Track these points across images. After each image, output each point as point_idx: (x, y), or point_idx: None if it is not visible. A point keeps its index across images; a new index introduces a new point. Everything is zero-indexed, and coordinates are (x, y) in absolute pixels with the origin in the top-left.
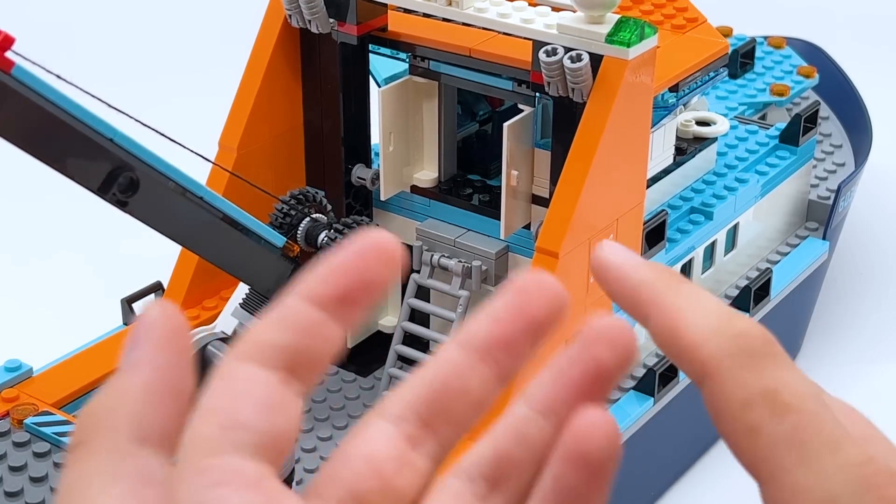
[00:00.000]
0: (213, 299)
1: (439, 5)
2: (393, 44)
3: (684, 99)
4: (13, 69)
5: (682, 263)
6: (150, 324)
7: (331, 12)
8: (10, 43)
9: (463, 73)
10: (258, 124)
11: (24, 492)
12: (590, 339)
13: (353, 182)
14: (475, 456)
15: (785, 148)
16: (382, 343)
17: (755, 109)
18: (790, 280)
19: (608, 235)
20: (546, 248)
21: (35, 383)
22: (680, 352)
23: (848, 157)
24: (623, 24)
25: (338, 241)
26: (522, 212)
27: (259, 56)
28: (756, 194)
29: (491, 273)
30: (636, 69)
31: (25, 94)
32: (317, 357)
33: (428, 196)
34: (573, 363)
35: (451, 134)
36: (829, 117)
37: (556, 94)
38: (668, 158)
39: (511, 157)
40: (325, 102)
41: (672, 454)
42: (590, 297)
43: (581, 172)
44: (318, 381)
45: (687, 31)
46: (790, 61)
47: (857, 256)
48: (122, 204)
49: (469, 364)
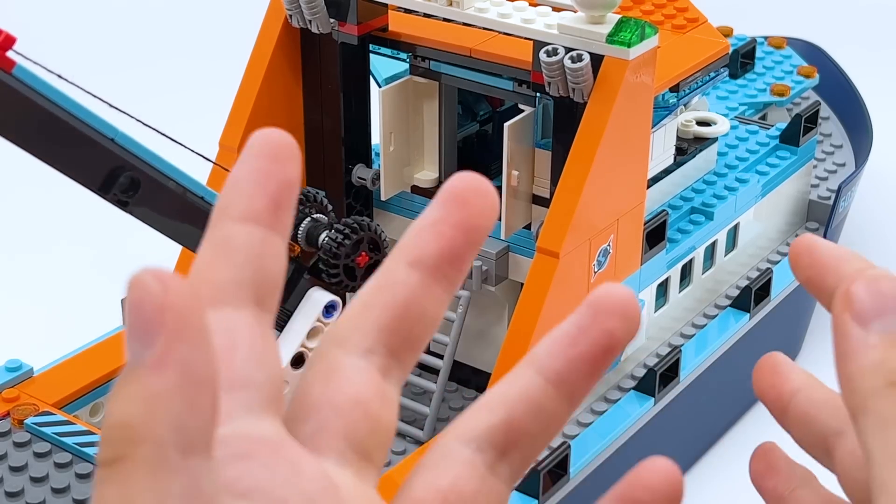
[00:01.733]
0: None
1: (440, 5)
2: (393, 44)
3: (685, 99)
4: (14, 69)
5: (683, 263)
6: (156, 305)
7: (331, 12)
8: (12, 43)
9: (463, 74)
10: (259, 124)
11: (25, 492)
12: (600, 309)
13: (353, 182)
14: (486, 423)
15: (785, 148)
16: None
17: (756, 109)
18: (791, 280)
19: (609, 235)
20: (546, 248)
21: (36, 383)
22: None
23: (848, 158)
24: (624, 24)
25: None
26: (523, 212)
27: (259, 56)
28: (756, 194)
29: (491, 273)
30: (637, 69)
31: (26, 93)
32: (272, 280)
33: (428, 196)
34: (585, 333)
35: (452, 134)
36: (830, 117)
37: (557, 95)
38: (668, 158)
39: (511, 157)
40: (325, 102)
41: (672, 454)
42: None
43: (581, 172)
44: (278, 302)
45: (687, 31)
46: (790, 61)
47: None
48: (122, 204)
49: (423, 284)
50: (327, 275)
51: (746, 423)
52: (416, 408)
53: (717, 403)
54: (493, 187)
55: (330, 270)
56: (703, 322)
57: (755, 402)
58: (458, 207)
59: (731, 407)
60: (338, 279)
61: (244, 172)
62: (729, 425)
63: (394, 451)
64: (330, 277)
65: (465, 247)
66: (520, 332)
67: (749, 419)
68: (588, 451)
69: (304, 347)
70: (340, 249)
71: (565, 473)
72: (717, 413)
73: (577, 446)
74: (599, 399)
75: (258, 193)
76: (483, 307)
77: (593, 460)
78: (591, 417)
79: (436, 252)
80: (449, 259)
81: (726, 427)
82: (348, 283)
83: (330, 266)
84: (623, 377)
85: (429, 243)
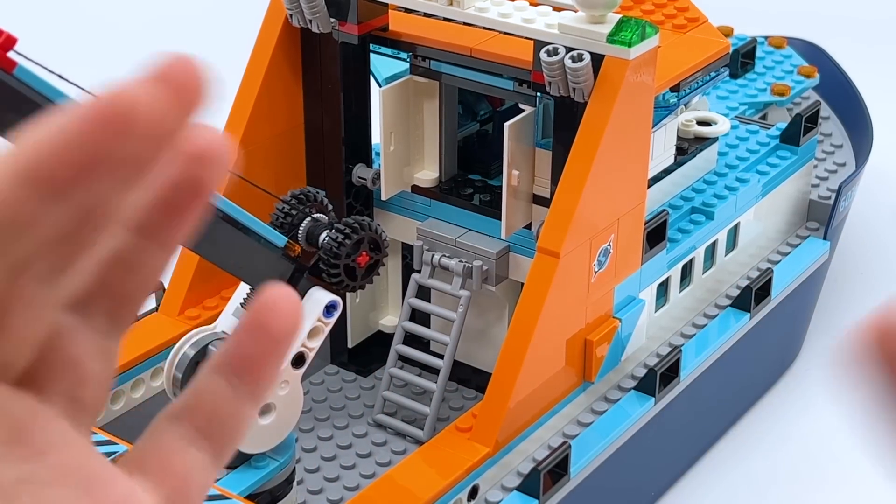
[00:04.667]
0: (213, 299)
1: (440, 5)
2: (394, 43)
3: (685, 99)
4: (15, 69)
5: (683, 263)
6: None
7: (332, 12)
8: (13, 43)
9: (464, 73)
10: (259, 124)
11: None
12: (263, 308)
13: (353, 182)
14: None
15: (786, 148)
16: (383, 343)
17: (756, 109)
18: (791, 280)
19: (609, 235)
20: (547, 248)
21: None
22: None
23: (849, 157)
24: (624, 23)
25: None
26: (523, 212)
27: (260, 55)
28: (757, 194)
29: (492, 273)
30: (637, 69)
31: (28, 94)
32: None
33: (429, 196)
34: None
35: (452, 134)
36: (830, 117)
37: (558, 94)
38: (668, 158)
39: (512, 157)
40: (325, 102)
41: (672, 454)
42: (590, 296)
43: (582, 172)
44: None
45: (688, 30)
46: (791, 61)
47: (857, 256)
48: None
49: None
50: (328, 274)
51: (747, 423)
52: (416, 408)
53: (717, 403)
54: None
55: (330, 270)
56: (704, 322)
57: (756, 402)
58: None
59: (732, 407)
60: (338, 279)
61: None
62: (730, 425)
63: (394, 451)
64: (330, 277)
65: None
66: (520, 331)
67: (750, 419)
68: (588, 450)
69: (305, 347)
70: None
71: (566, 473)
72: (718, 413)
73: (578, 446)
74: (600, 399)
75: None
76: (483, 307)
77: (594, 460)
78: (592, 417)
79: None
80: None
81: (727, 427)
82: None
83: (330, 266)
84: (623, 377)
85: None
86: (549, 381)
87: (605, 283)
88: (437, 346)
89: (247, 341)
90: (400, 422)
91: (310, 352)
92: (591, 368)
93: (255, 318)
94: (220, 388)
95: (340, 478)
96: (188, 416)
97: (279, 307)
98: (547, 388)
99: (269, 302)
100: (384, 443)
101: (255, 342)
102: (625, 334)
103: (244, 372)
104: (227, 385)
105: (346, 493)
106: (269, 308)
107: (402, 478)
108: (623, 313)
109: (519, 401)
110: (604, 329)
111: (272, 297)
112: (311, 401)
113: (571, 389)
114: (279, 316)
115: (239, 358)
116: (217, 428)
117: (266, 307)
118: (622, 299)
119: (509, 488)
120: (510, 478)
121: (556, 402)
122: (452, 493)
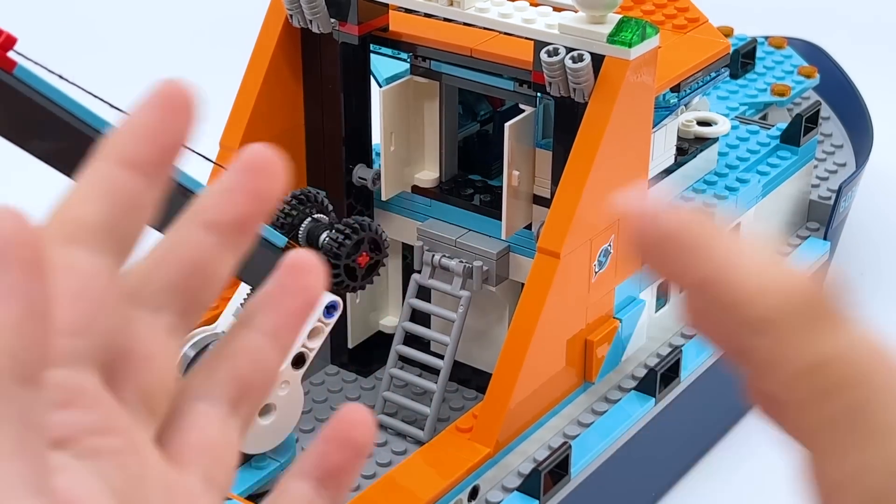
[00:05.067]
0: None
1: (441, 5)
2: (394, 44)
3: (685, 99)
4: (15, 69)
5: None
6: (5, 240)
7: (332, 12)
8: (13, 43)
9: (464, 73)
10: (259, 124)
11: None
12: (293, 270)
13: (354, 182)
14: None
15: (786, 148)
16: (383, 343)
17: (756, 109)
18: None
19: (609, 235)
20: (547, 248)
21: None
22: (719, 316)
23: (849, 158)
24: (624, 24)
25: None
26: (523, 212)
27: (260, 56)
28: (757, 194)
29: (492, 273)
30: (638, 69)
31: (27, 94)
32: (136, 231)
33: (429, 196)
34: (286, 293)
35: (453, 134)
36: (830, 117)
37: (558, 95)
38: (669, 158)
39: (512, 158)
40: (325, 102)
41: (672, 454)
42: (590, 296)
43: (582, 172)
44: (130, 252)
45: (688, 31)
46: (791, 61)
47: (857, 256)
48: None
49: (214, 246)
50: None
51: (747, 423)
52: (417, 408)
53: (718, 404)
54: (283, 160)
55: (331, 271)
56: None
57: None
58: (251, 177)
59: (733, 407)
60: (339, 279)
61: (139, 119)
62: (730, 425)
63: (394, 451)
64: (331, 277)
65: (255, 214)
66: (520, 332)
67: (750, 419)
68: (589, 451)
69: (305, 347)
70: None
71: (566, 474)
72: (718, 413)
73: (578, 446)
74: (600, 399)
75: (147, 141)
76: (483, 307)
77: (594, 460)
78: (592, 417)
79: (229, 217)
80: (240, 225)
81: (727, 427)
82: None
83: (331, 266)
84: (624, 377)
85: (222, 208)
86: (549, 381)
87: (606, 283)
88: (437, 347)
89: (332, 452)
90: (400, 422)
91: (310, 352)
92: (592, 369)
93: (337, 431)
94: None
95: None
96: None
97: (357, 419)
98: (547, 388)
99: (346, 415)
100: (385, 443)
101: (339, 453)
102: (625, 335)
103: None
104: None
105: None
106: (348, 422)
107: (403, 478)
108: (623, 314)
109: (519, 401)
110: (604, 329)
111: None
112: (311, 401)
113: (572, 390)
114: (359, 427)
115: (325, 469)
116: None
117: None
118: (622, 300)
119: (510, 489)
120: (511, 478)
121: (556, 402)
122: (453, 494)
